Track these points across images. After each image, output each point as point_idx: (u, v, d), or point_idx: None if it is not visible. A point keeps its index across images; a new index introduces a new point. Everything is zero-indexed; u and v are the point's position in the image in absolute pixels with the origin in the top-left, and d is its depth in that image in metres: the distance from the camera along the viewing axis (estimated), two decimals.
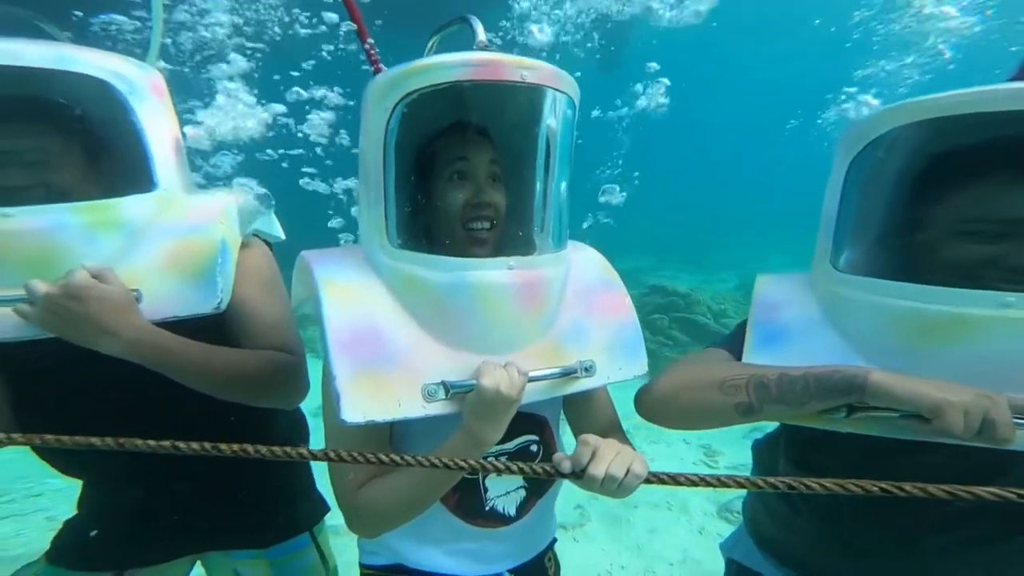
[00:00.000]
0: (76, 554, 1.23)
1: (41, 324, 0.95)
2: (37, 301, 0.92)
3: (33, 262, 0.98)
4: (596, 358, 0.97)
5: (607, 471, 0.77)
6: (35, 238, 0.98)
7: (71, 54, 1.03)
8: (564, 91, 0.93)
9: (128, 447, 0.71)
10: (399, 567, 1.12)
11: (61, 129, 1.06)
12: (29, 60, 0.98)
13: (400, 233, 0.95)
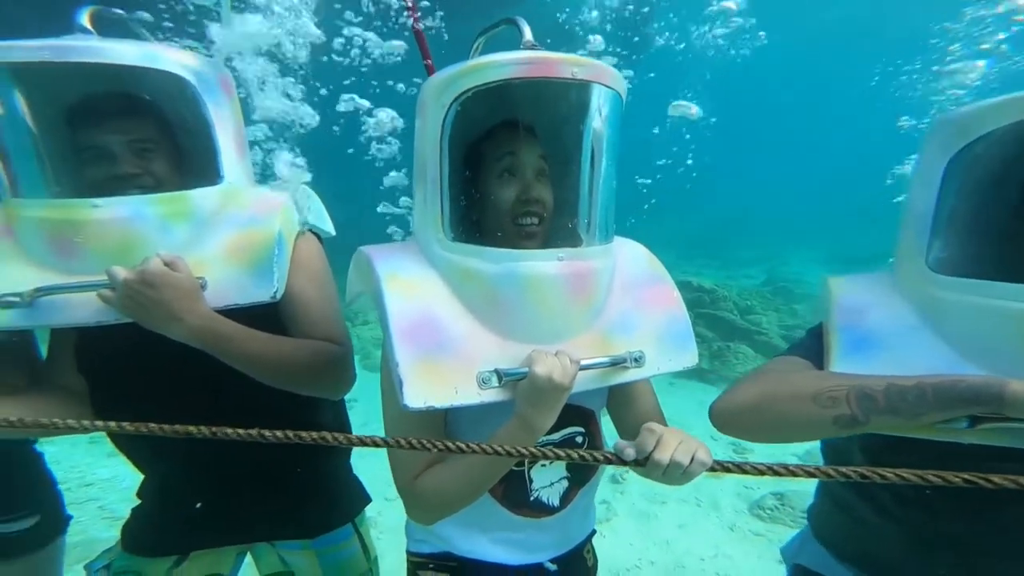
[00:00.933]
0: (145, 540, 1.29)
1: (120, 309, 1.01)
2: (117, 287, 0.98)
3: (115, 250, 1.05)
4: (645, 349, 0.98)
5: (672, 458, 0.79)
6: (117, 227, 1.05)
7: (157, 51, 1.10)
8: (612, 87, 0.95)
9: (201, 434, 0.75)
10: (446, 555, 1.15)
11: (152, 122, 1.14)
12: (124, 58, 1.05)
13: (455, 227, 0.98)
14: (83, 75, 1.06)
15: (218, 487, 1.24)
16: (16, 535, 1.37)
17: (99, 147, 1.09)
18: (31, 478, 1.45)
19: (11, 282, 1.03)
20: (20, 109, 1.07)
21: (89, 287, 1.00)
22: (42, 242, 1.06)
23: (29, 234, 1.07)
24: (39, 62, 0.99)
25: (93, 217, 1.03)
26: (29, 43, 1.01)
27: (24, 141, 1.08)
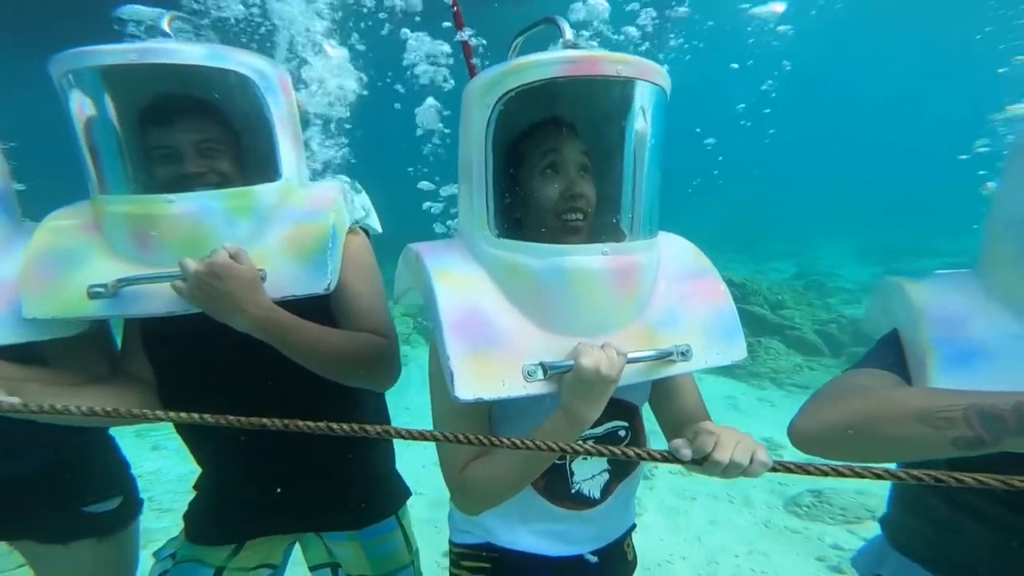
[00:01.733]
0: (204, 529, 1.34)
1: (191, 299, 1.05)
2: (188, 278, 1.03)
3: (186, 243, 1.10)
4: (692, 342, 0.98)
5: (732, 458, 0.79)
6: (188, 221, 1.10)
7: (226, 52, 1.14)
8: (657, 83, 0.95)
9: (275, 426, 0.78)
10: (488, 545, 1.17)
11: (218, 122, 1.19)
12: (199, 59, 1.11)
13: (500, 223, 1.00)
14: (163, 76, 1.11)
15: (272, 477, 1.29)
16: (104, 515, 1.44)
17: (170, 147, 1.14)
18: (112, 462, 1.52)
19: (98, 273, 1.09)
20: (107, 110, 1.12)
21: (164, 278, 1.06)
22: (124, 235, 1.11)
23: (113, 228, 1.13)
24: (127, 64, 1.05)
25: (168, 212, 1.08)
26: (117, 46, 1.06)
27: (109, 140, 1.14)
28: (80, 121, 1.11)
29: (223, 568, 1.30)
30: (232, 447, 1.22)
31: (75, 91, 1.09)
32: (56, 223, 1.16)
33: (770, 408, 5.27)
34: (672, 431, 1.14)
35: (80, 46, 1.06)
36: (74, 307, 1.07)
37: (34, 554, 1.43)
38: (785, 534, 3.26)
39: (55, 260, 1.10)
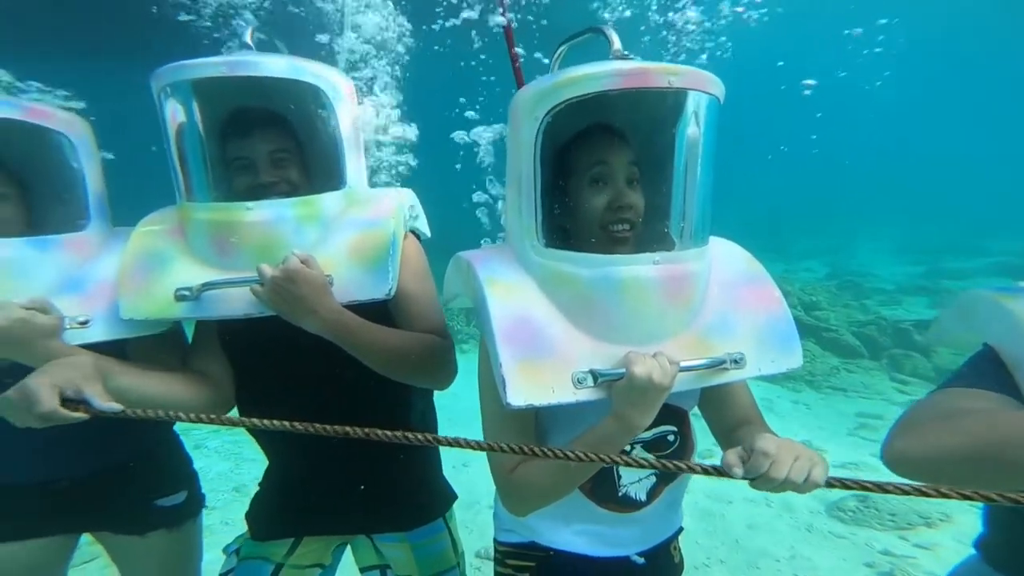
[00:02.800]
0: (264, 525, 1.38)
1: (268, 302, 1.09)
2: (265, 282, 1.06)
3: (261, 249, 1.14)
4: (745, 350, 0.96)
5: (788, 477, 0.77)
6: (263, 228, 1.14)
7: (301, 64, 1.18)
8: (710, 92, 0.94)
9: (345, 433, 0.80)
10: (533, 545, 1.17)
11: (291, 132, 1.23)
12: (276, 71, 1.15)
13: (548, 233, 0.99)
14: (248, 88, 1.16)
15: (331, 476, 1.32)
16: (173, 508, 1.49)
17: (247, 157, 1.18)
18: (178, 458, 1.57)
19: (183, 277, 1.14)
20: (198, 121, 1.18)
21: (244, 282, 1.10)
22: (205, 240, 1.16)
23: (196, 233, 1.18)
24: (218, 77, 1.10)
25: (246, 219, 1.13)
26: (208, 60, 1.11)
27: (198, 150, 1.19)
28: (173, 131, 1.17)
29: (282, 565, 1.34)
30: (297, 445, 1.25)
31: (171, 103, 1.15)
32: (147, 228, 1.22)
33: (806, 411, 5.13)
34: (723, 434, 1.12)
35: (174, 60, 1.12)
36: (164, 309, 1.13)
37: (112, 545, 1.49)
38: (830, 539, 3.16)
39: (147, 264, 1.16)
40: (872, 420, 4.85)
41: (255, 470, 3.77)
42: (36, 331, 1.03)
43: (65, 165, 1.23)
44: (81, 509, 1.38)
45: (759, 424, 1.09)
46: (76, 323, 1.12)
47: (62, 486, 1.34)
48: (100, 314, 1.15)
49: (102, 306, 1.15)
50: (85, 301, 1.15)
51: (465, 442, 0.87)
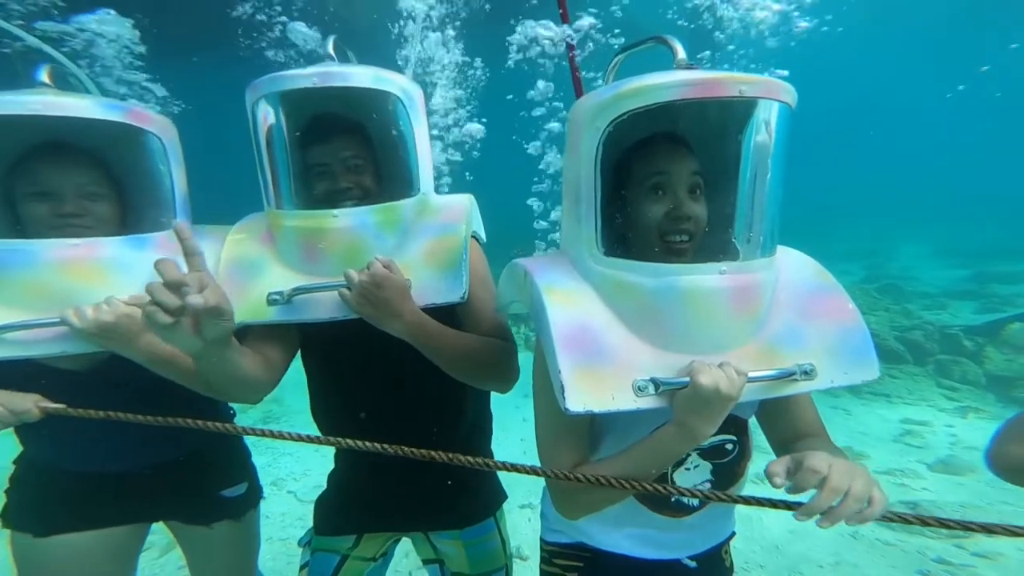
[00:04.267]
0: (329, 521, 1.41)
1: (355, 306, 1.11)
2: (353, 287, 1.08)
3: (346, 254, 1.15)
4: (816, 361, 0.92)
5: (839, 512, 0.74)
6: (348, 234, 1.16)
7: (383, 75, 1.19)
8: (782, 99, 0.89)
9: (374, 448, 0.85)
10: (581, 546, 1.15)
11: (366, 139, 1.24)
12: (360, 82, 1.16)
13: (608, 242, 0.96)
14: (334, 98, 1.17)
15: (392, 476, 1.33)
16: (236, 499, 1.52)
17: (325, 163, 1.20)
18: (240, 451, 1.60)
19: (273, 282, 1.17)
20: (288, 131, 1.20)
21: (332, 287, 1.12)
22: (294, 247, 1.18)
23: (285, 240, 1.20)
24: (310, 88, 1.11)
25: (332, 226, 1.14)
26: (300, 72, 1.13)
27: (287, 159, 1.21)
28: (265, 141, 1.19)
29: (347, 556, 1.36)
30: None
31: (265, 113, 1.17)
32: (239, 235, 1.25)
33: (845, 416, 4.91)
34: (781, 445, 1.07)
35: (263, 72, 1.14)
36: (257, 313, 1.16)
37: (181, 535, 1.53)
38: (877, 546, 2.99)
39: (241, 270, 1.19)
40: (918, 427, 4.60)
41: (292, 464, 3.91)
42: (139, 326, 1.06)
43: (158, 166, 1.25)
44: (155, 498, 1.41)
45: (823, 438, 1.03)
46: None
47: (142, 475, 1.37)
48: None
49: None
50: None
51: (522, 468, 0.88)
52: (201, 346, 0.93)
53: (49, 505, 1.33)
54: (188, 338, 0.91)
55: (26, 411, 1.05)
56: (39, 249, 1.07)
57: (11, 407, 1.04)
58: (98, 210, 1.18)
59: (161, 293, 0.86)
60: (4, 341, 1.04)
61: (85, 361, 1.19)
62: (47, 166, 1.14)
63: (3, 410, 1.04)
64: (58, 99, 1.09)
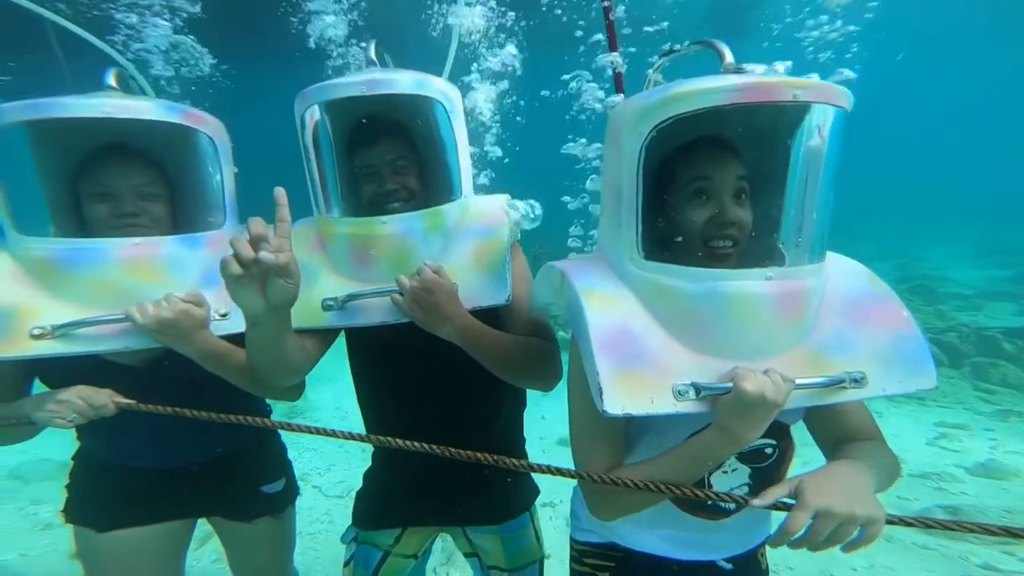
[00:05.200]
0: (372, 517, 1.42)
1: (408, 311, 1.11)
2: (405, 292, 1.08)
3: (394, 260, 1.16)
4: (867, 369, 0.88)
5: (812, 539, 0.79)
6: (397, 240, 1.16)
7: (425, 79, 1.19)
8: (837, 104, 0.85)
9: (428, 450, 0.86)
10: (612, 545, 1.14)
11: (409, 141, 1.24)
12: (405, 87, 1.16)
13: (650, 246, 0.94)
14: (379, 103, 1.17)
15: (433, 472, 1.33)
16: (275, 495, 1.53)
17: (371, 166, 1.20)
18: (278, 447, 1.61)
19: (327, 289, 1.18)
20: (335, 137, 1.21)
21: (384, 293, 1.13)
22: (346, 253, 1.19)
23: (336, 247, 1.21)
24: (358, 96, 1.11)
25: (382, 232, 1.15)
26: (347, 80, 1.13)
27: (336, 166, 1.22)
28: (313, 148, 1.19)
29: (389, 552, 1.37)
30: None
31: (313, 121, 1.18)
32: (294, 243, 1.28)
33: (877, 418, 4.55)
34: (829, 447, 1.04)
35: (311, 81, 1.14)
36: (313, 318, 1.17)
37: (224, 531, 1.53)
38: (914, 550, 2.85)
39: (301, 278, 1.20)
40: (954, 430, 4.39)
41: (316, 460, 3.92)
42: (195, 322, 1.08)
43: (210, 167, 1.26)
44: (202, 494, 1.42)
45: (875, 441, 1.00)
46: (218, 315, 1.15)
47: (190, 471, 1.38)
48: (237, 307, 1.19)
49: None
50: (224, 295, 1.14)
51: (559, 470, 0.88)
52: (263, 308, 0.94)
53: (106, 501, 1.35)
54: (254, 296, 0.93)
55: (103, 405, 1.08)
56: (105, 248, 1.10)
57: (91, 401, 1.07)
58: (153, 210, 1.20)
59: (240, 245, 0.88)
60: (74, 337, 1.07)
61: (141, 357, 1.21)
62: (110, 167, 1.16)
63: (84, 404, 1.07)
64: (125, 102, 1.11)
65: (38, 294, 1.08)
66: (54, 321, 1.05)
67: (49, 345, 1.05)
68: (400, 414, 1.32)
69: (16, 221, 1.11)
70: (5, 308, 1.06)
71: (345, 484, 3.57)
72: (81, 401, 1.07)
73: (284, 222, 0.93)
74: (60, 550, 2.74)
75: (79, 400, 1.07)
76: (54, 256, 1.08)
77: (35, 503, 3.28)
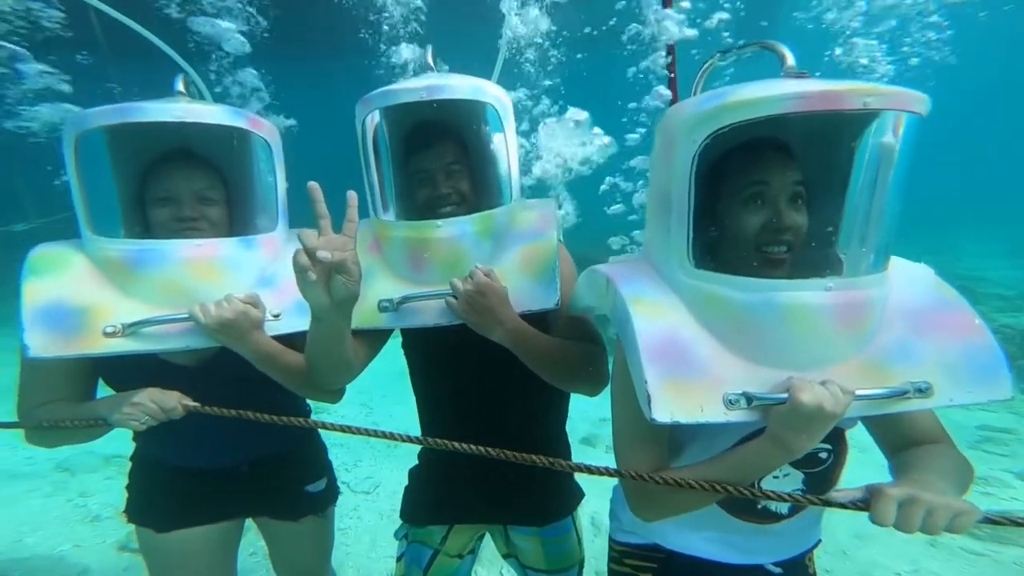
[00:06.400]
0: (423, 512, 1.44)
1: (461, 314, 1.13)
2: (459, 295, 1.10)
3: (448, 263, 1.18)
4: (933, 379, 0.86)
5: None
6: (450, 243, 1.18)
7: (481, 84, 1.20)
8: (913, 110, 0.82)
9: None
10: (654, 547, 1.13)
11: (462, 146, 1.25)
12: (463, 93, 1.18)
13: (702, 254, 0.93)
14: (437, 108, 1.19)
15: (482, 469, 1.31)
16: (318, 494, 1.55)
17: (426, 170, 1.22)
18: (320, 447, 1.63)
19: (383, 290, 1.20)
20: (393, 141, 1.23)
21: (438, 295, 1.15)
22: (401, 256, 1.22)
23: (392, 249, 1.24)
24: (417, 101, 1.14)
25: (437, 235, 1.17)
26: (408, 86, 1.15)
27: (393, 170, 1.25)
28: (373, 152, 1.22)
29: (438, 552, 1.39)
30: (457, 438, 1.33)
31: (374, 126, 1.20)
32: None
33: None
34: (893, 451, 1.01)
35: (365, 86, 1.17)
36: (370, 319, 1.20)
37: (270, 530, 1.56)
38: (961, 555, 2.74)
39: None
40: (999, 434, 4.26)
41: (343, 455, 3.93)
42: (252, 323, 1.11)
43: (266, 170, 1.29)
44: (252, 494, 1.44)
45: (944, 445, 0.97)
46: (271, 316, 1.19)
47: (241, 471, 1.41)
48: (288, 308, 1.21)
49: (290, 300, 1.21)
50: (276, 296, 1.21)
51: (605, 470, 0.88)
52: (328, 304, 0.98)
53: (163, 502, 1.38)
54: (320, 292, 0.96)
55: (172, 408, 1.11)
56: (170, 249, 1.14)
57: (162, 404, 1.10)
58: (211, 213, 1.23)
59: (308, 237, 0.93)
60: (142, 335, 1.11)
61: (195, 357, 1.24)
62: (174, 172, 1.20)
63: (155, 407, 1.10)
64: (196, 106, 1.15)
65: (109, 293, 1.13)
66: (124, 320, 1.09)
67: (120, 343, 1.09)
68: (452, 413, 1.35)
69: (91, 221, 1.16)
70: (83, 307, 1.10)
71: (372, 480, 3.62)
72: (153, 404, 1.10)
73: (352, 222, 0.97)
74: (108, 542, 2.85)
75: (151, 403, 1.10)
76: (124, 256, 1.13)
77: (83, 495, 3.41)
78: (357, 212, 0.97)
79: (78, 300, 1.10)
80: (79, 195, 1.14)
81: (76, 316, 1.09)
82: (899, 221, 0.88)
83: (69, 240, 1.19)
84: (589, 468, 0.87)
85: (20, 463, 3.83)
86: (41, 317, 1.07)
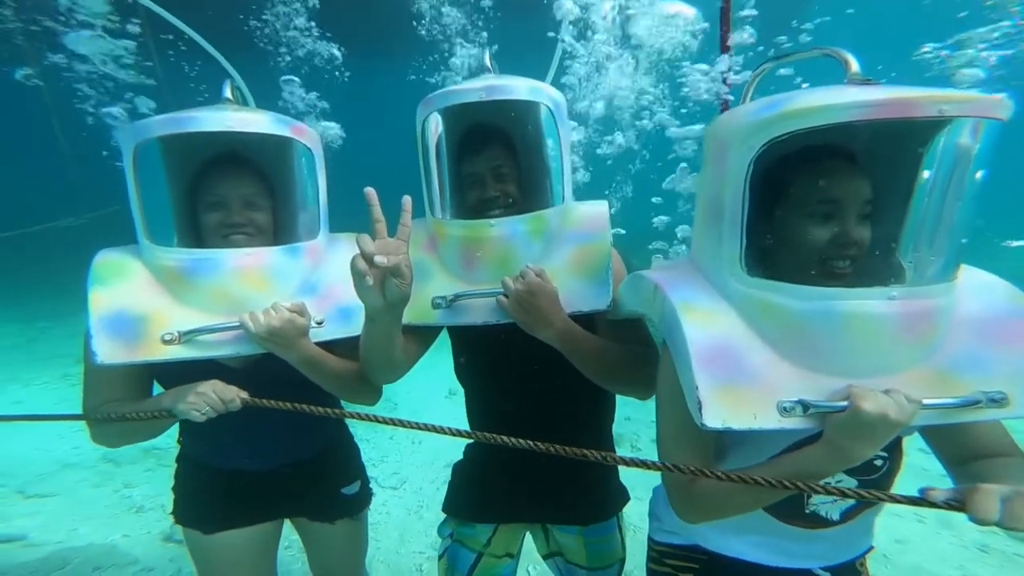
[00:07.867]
0: (469, 510, 1.46)
1: (512, 313, 1.14)
2: (510, 294, 1.12)
3: (500, 261, 1.20)
4: (1007, 389, 0.83)
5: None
6: (503, 243, 1.20)
7: (538, 86, 1.21)
8: (993, 116, 0.78)
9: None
10: (696, 548, 1.13)
11: (513, 149, 1.26)
12: (521, 94, 1.19)
13: (756, 263, 0.92)
14: (493, 108, 1.20)
15: (528, 467, 1.35)
16: (353, 496, 1.57)
17: (476, 173, 1.24)
18: (354, 450, 1.64)
19: (437, 288, 1.23)
20: (450, 141, 1.25)
21: (490, 294, 1.17)
22: (455, 254, 1.24)
23: (447, 248, 1.26)
24: (477, 102, 1.15)
25: (490, 235, 1.19)
26: (467, 87, 1.16)
27: (447, 168, 1.27)
28: (433, 153, 1.24)
29: (482, 554, 1.41)
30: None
31: (434, 127, 1.22)
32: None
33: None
34: (956, 463, 0.99)
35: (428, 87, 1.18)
36: (423, 315, 1.22)
37: (306, 531, 1.59)
38: (1016, 561, 2.65)
39: (415, 276, 1.23)
40: None
41: (369, 451, 3.93)
42: (298, 330, 1.14)
43: (308, 177, 1.30)
44: (291, 495, 1.45)
45: (1016, 458, 0.94)
46: (315, 323, 1.21)
47: (281, 473, 1.42)
48: (331, 314, 1.24)
49: (332, 307, 1.24)
50: (319, 303, 1.23)
51: (651, 464, 0.88)
52: (382, 305, 1.02)
53: (208, 504, 1.41)
54: (374, 293, 1.00)
55: (231, 400, 1.13)
56: (222, 257, 1.17)
57: (222, 396, 1.13)
58: (258, 219, 1.25)
59: (365, 243, 0.96)
60: (196, 342, 1.15)
61: (243, 360, 1.27)
62: (224, 178, 1.23)
63: (216, 398, 1.13)
64: (241, 114, 1.17)
65: (165, 301, 1.17)
66: (180, 327, 1.14)
67: (177, 350, 1.13)
68: (499, 412, 1.37)
69: (148, 230, 1.20)
70: (143, 315, 1.15)
71: (399, 476, 3.66)
72: (215, 395, 1.13)
73: (405, 227, 1.00)
74: (153, 533, 2.96)
75: (213, 394, 1.13)
76: (178, 265, 1.17)
77: (127, 486, 3.54)
78: (411, 217, 1.00)
79: (139, 308, 1.14)
80: (136, 204, 1.19)
81: (138, 324, 1.13)
82: (971, 229, 0.85)
83: (127, 247, 1.24)
84: (644, 463, 0.86)
85: (69, 453, 3.99)
86: (107, 325, 1.11)
